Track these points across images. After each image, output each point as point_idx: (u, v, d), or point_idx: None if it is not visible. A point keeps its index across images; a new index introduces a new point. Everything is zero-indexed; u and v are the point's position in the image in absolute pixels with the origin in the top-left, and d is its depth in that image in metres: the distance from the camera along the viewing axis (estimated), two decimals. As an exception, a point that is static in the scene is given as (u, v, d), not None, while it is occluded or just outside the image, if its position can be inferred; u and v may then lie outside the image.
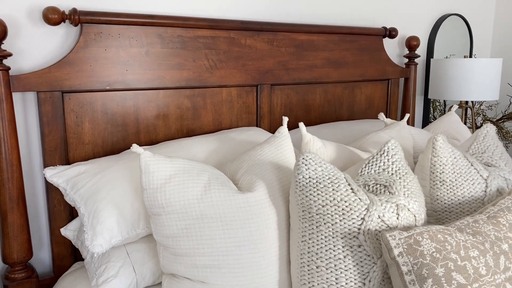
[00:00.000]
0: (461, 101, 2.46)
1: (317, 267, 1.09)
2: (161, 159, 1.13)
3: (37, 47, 1.42)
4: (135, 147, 1.11)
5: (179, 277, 1.13)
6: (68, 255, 1.49)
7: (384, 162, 1.26)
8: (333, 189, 1.11)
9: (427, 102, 2.59)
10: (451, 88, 2.29)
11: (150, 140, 1.61)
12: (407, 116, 1.69)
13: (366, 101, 2.23)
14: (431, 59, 2.41)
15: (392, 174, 1.24)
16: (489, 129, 1.56)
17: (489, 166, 1.47)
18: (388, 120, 1.71)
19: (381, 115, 1.68)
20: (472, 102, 2.60)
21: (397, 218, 1.12)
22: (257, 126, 1.87)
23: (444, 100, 2.67)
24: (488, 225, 1.14)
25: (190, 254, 1.11)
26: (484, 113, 2.62)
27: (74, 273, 1.41)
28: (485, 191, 1.36)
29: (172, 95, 1.63)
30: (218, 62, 1.69)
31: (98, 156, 1.52)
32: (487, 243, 1.08)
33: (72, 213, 1.47)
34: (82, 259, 1.51)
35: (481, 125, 2.58)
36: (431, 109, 2.67)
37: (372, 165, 1.26)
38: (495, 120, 2.56)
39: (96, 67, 1.46)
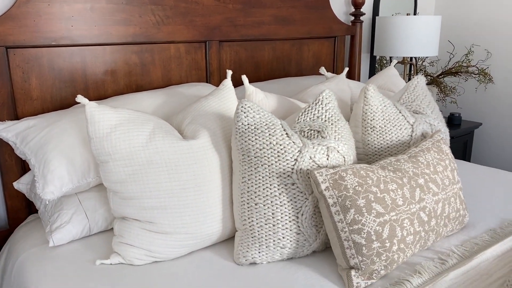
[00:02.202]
0: (404, 58, 2.60)
1: (255, 204, 1.20)
2: (106, 109, 1.19)
3: (-23, 2, 1.41)
4: (80, 98, 1.16)
5: (129, 219, 1.22)
6: (23, 208, 1.54)
7: (318, 110, 1.36)
8: (269, 134, 1.21)
9: (373, 59, 2.71)
10: (395, 45, 2.41)
11: (99, 96, 1.65)
12: (345, 70, 1.80)
13: (313, 58, 2.32)
14: (376, 17, 2.51)
15: (325, 120, 1.34)
16: (419, 80, 1.69)
17: (417, 113, 1.61)
18: (329, 74, 1.81)
19: (322, 69, 1.77)
20: (415, 58, 2.74)
21: (327, 159, 1.23)
22: (207, 82, 1.93)
23: (391, 57, 2.80)
24: (408, 163, 1.28)
25: (138, 197, 1.19)
26: (425, 69, 2.78)
27: (29, 224, 1.47)
28: (411, 136, 1.50)
29: (120, 51, 1.66)
30: (165, 18, 1.72)
31: (48, 111, 1.55)
32: (405, 178, 1.22)
33: (24, 167, 1.51)
34: (37, 212, 1.56)
35: (423, 80, 2.74)
36: (379, 66, 2.80)
37: (308, 114, 1.37)
38: (435, 75, 2.72)
39: (40, 23, 1.46)
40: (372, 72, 2.73)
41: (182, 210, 1.20)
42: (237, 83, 1.97)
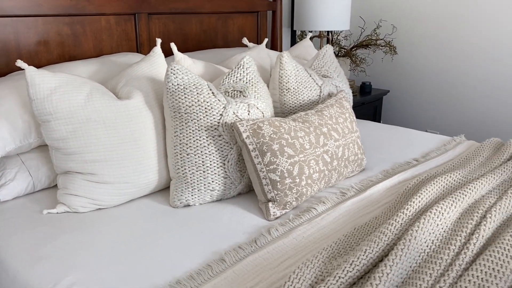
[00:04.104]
0: (321, 32, 2.86)
1: (187, 155, 1.39)
2: (45, 73, 1.30)
3: None
4: (20, 63, 1.26)
5: (71, 173, 1.35)
6: (-39, 174, 1.59)
7: (240, 74, 1.56)
8: (197, 93, 1.39)
9: (293, 33, 2.96)
10: (311, 20, 2.66)
11: (33, 65, 1.72)
12: (265, 40, 2.01)
13: (238, 32, 2.51)
14: (295, -6, 2.74)
15: (246, 82, 1.55)
16: (328, 49, 1.95)
17: (325, 77, 1.86)
18: (251, 44, 2.01)
19: (245, 40, 1.97)
20: (330, 32, 3.02)
21: (248, 114, 1.44)
22: (137, 53, 2.05)
23: (310, 31, 3.05)
24: (315, 116, 1.52)
25: (79, 152, 1.32)
26: (340, 43, 3.07)
27: (-30, 188, 1.54)
28: (320, 95, 1.75)
29: (51, 22, 1.74)
30: (95, -10, 1.81)
31: (-19, 80, 1.60)
32: (312, 128, 1.46)
33: (-40, 134, 1.56)
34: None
35: (338, 52, 3.04)
36: (300, 40, 3.05)
37: (231, 77, 1.56)
38: (348, 48, 3.03)
39: (-31, -7, 1.51)
40: (293, 45, 2.97)
41: (121, 162, 1.35)
42: (166, 54, 2.11)
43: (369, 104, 3.02)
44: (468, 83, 2.91)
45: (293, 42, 2.98)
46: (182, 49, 2.24)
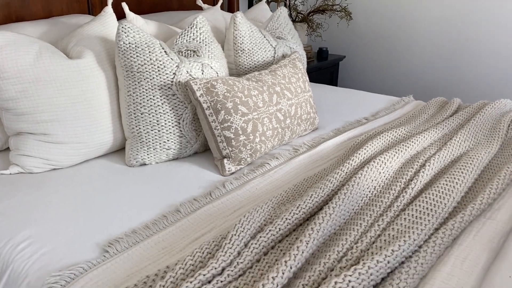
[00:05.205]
0: (277, -4, 2.87)
1: (141, 114, 1.40)
2: (-10, 31, 1.26)
3: None
4: (-39, 19, 1.22)
5: (24, 134, 1.34)
6: None
7: (193, 33, 1.56)
8: (149, 52, 1.39)
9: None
10: (268, -16, 2.66)
11: (-23, 26, 1.65)
12: (220, 1, 2.01)
13: (194, -5, 2.47)
14: (251, -43, 2.72)
15: (200, 42, 1.56)
16: (282, 11, 1.97)
17: (279, 39, 1.89)
18: (205, 6, 2.00)
19: (199, 1, 1.96)
20: (287, -2, 3.03)
21: (202, 73, 1.46)
22: (89, 15, 2.00)
23: (266, -3, 3.05)
24: (268, 75, 1.56)
25: (31, 112, 1.30)
26: (297, 7, 3.09)
27: None
28: (274, 57, 1.78)
29: (-6, -20, 1.66)
30: None
31: None
32: (265, 86, 1.50)
33: None
34: None
35: (295, 17, 3.06)
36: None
37: (184, 36, 1.56)
38: (305, 13, 3.05)
39: None
40: (250, 10, 2.97)
41: (74, 122, 1.35)
42: (119, 17, 2.06)
43: (325, 70, 3.08)
44: (422, 47, 3.02)
45: (251, 6, 2.97)
46: (135, 12, 2.19)
